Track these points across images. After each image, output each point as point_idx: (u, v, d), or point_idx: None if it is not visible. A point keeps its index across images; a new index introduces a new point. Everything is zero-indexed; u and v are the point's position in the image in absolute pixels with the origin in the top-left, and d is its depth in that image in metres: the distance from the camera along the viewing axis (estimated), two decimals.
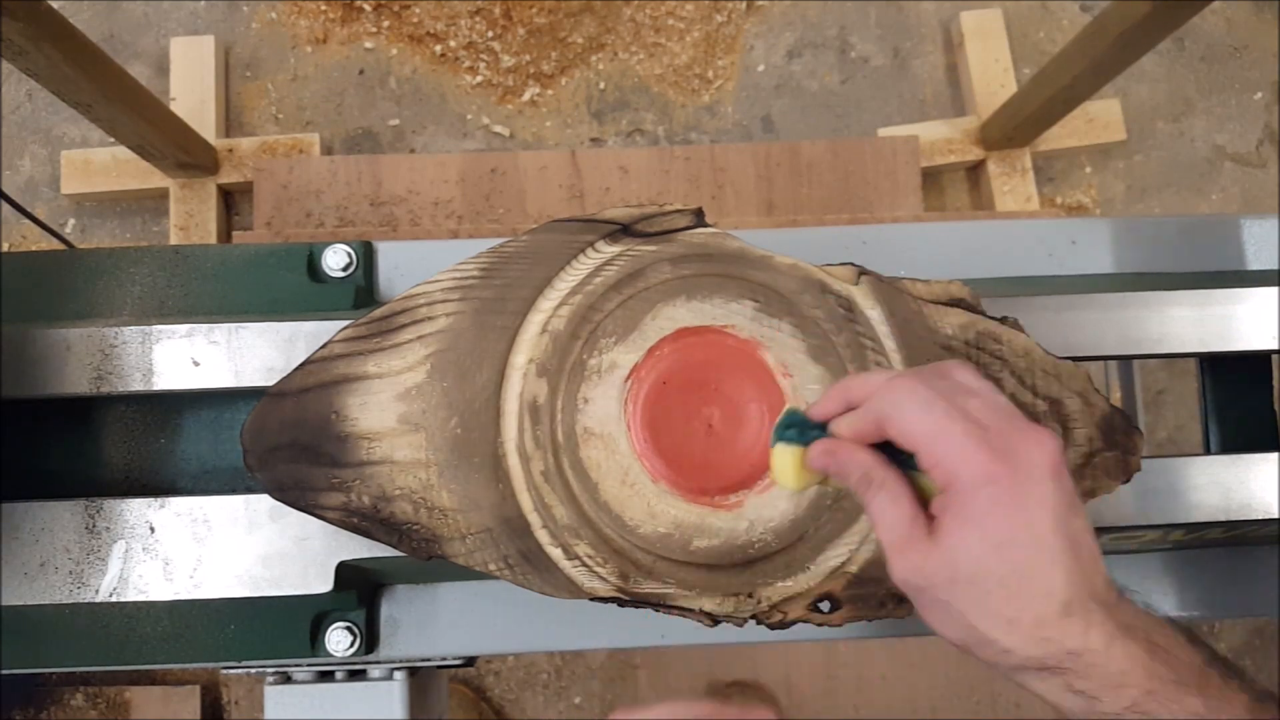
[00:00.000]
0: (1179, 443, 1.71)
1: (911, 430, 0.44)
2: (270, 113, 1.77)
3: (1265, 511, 0.69)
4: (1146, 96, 1.85)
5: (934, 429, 0.43)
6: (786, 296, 0.63)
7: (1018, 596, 0.42)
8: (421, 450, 0.62)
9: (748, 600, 0.61)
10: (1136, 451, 0.65)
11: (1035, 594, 0.42)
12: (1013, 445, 0.43)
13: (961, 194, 1.80)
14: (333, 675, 0.73)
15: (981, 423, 0.43)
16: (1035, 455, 0.43)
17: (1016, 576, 0.42)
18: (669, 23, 1.82)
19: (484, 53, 1.79)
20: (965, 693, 1.53)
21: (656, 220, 0.64)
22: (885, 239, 0.80)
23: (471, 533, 0.61)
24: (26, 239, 1.70)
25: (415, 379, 0.62)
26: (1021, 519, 0.42)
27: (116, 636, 0.67)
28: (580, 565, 0.61)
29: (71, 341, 0.66)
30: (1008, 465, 0.42)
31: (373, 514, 0.61)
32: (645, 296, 0.62)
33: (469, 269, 0.64)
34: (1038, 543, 0.42)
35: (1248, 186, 1.83)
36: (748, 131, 1.80)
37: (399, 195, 1.61)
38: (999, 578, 0.42)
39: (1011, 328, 0.65)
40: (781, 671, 1.52)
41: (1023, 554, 0.42)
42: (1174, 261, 0.79)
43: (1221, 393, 0.78)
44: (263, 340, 0.66)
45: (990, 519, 0.42)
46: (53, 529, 0.65)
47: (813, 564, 0.61)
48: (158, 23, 1.79)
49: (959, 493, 0.43)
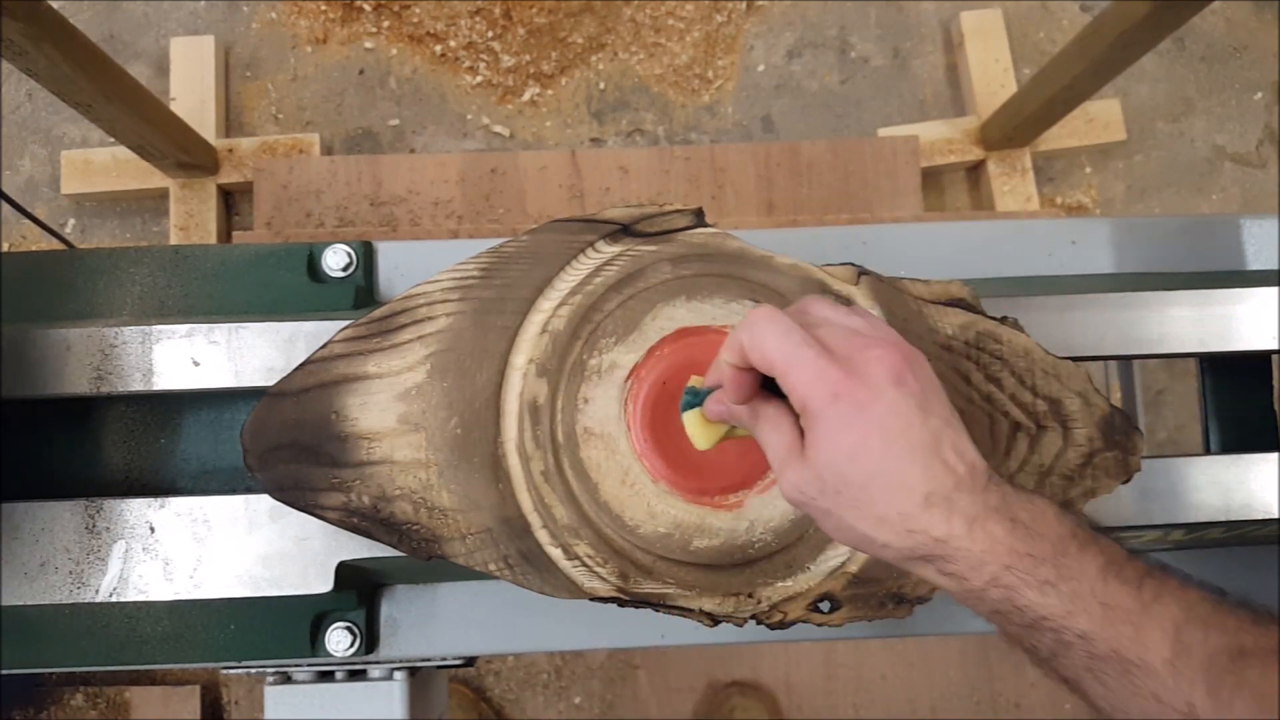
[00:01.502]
0: (1179, 443, 1.71)
1: (769, 358, 0.47)
2: (270, 113, 1.77)
3: (1265, 511, 0.69)
4: (1146, 96, 1.85)
5: (788, 356, 0.47)
6: (786, 296, 0.63)
7: (881, 497, 0.46)
8: (421, 450, 0.62)
9: (748, 600, 0.61)
10: (1136, 451, 0.65)
11: (896, 492, 0.46)
12: (856, 363, 0.46)
13: (961, 194, 1.80)
14: (333, 675, 0.73)
15: (829, 346, 0.47)
16: (876, 369, 0.46)
17: (875, 479, 0.46)
18: (669, 23, 1.82)
19: (484, 53, 1.79)
20: (965, 693, 1.53)
21: (656, 220, 0.64)
22: (885, 239, 0.80)
23: (471, 533, 0.61)
24: (26, 239, 1.70)
25: (415, 379, 0.62)
26: (871, 428, 0.45)
27: (116, 636, 0.67)
28: (580, 565, 0.61)
29: (71, 341, 0.66)
30: (852, 381, 0.46)
31: (373, 514, 0.61)
32: (645, 296, 0.62)
33: (469, 269, 0.64)
34: (888, 447, 0.45)
35: (1248, 186, 1.83)
36: (748, 131, 1.80)
37: (399, 195, 1.61)
38: (859, 484, 0.46)
39: (1011, 328, 0.65)
40: (781, 671, 1.52)
41: (876, 459, 0.45)
42: (1174, 261, 0.79)
43: (1221, 393, 0.78)
44: (263, 340, 0.66)
45: (841, 433, 0.46)
46: (53, 529, 0.65)
47: (813, 564, 0.61)
48: (158, 23, 1.79)
49: (813, 413, 0.46)
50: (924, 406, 0.46)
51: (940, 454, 0.46)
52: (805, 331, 0.47)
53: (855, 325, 0.49)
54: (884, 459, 0.45)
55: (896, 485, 0.46)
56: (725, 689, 1.51)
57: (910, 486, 0.45)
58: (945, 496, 0.45)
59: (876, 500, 0.46)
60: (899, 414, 0.46)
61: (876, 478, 0.46)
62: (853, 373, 0.46)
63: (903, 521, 0.46)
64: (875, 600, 0.61)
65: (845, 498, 0.46)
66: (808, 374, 0.46)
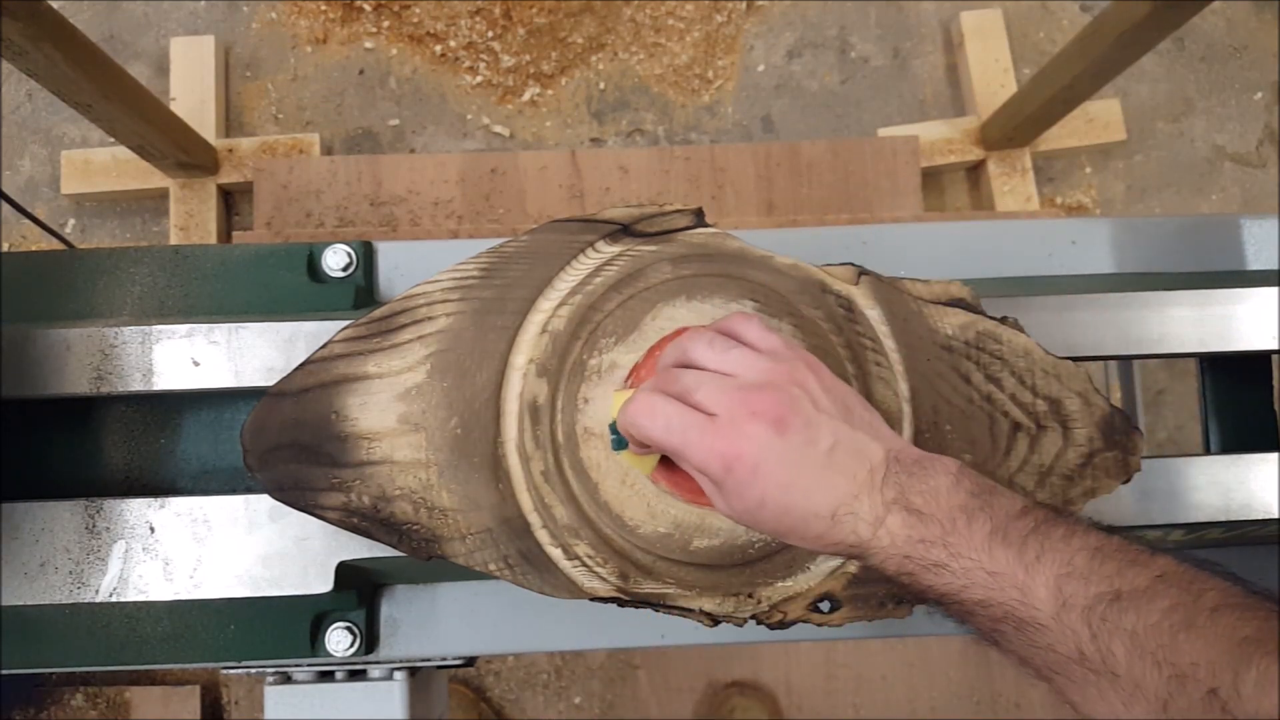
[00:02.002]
0: (1179, 443, 1.71)
1: (661, 446, 0.52)
2: (270, 113, 1.77)
3: (1265, 511, 0.69)
4: (1146, 96, 1.85)
5: (674, 444, 0.51)
6: (786, 296, 0.63)
7: (796, 526, 0.50)
8: (421, 450, 0.62)
9: (748, 600, 0.61)
10: (1136, 451, 0.65)
11: (806, 520, 0.50)
12: (738, 424, 0.50)
13: (961, 194, 1.80)
14: (333, 675, 0.73)
15: (709, 412, 0.51)
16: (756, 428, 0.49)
17: (786, 517, 0.50)
18: (669, 23, 1.82)
19: (484, 53, 1.79)
20: (965, 693, 1.53)
21: (656, 220, 0.64)
22: (885, 239, 0.80)
23: (471, 533, 0.61)
24: (26, 239, 1.70)
25: (415, 379, 0.62)
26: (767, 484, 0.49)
27: (116, 636, 0.67)
28: (580, 565, 0.60)
29: (71, 341, 0.66)
30: (738, 446, 0.49)
31: (373, 514, 0.61)
32: (645, 296, 0.62)
33: (469, 269, 0.64)
34: (787, 491, 0.49)
35: (1248, 186, 1.83)
36: (748, 131, 1.80)
37: (399, 195, 1.61)
38: (775, 520, 0.51)
39: (1011, 328, 0.65)
40: (781, 671, 1.52)
41: (780, 502, 0.50)
42: (1174, 261, 0.79)
43: (1221, 393, 0.78)
44: (263, 340, 0.66)
45: (744, 491, 0.50)
46: (53, 529, 0.65)
47: (813, 564, 0.61)
48: (158, 23, 1.79)
49: (715, 483, 0.51)
50: (811, 439, 0.50)
51: (838, 469, 0.50)
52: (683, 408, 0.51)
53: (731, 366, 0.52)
54: (786, 501, 0.50)
55: (804, 515, 0.50)
56: (725, 689, 1.51)
57: (816, 513, 0.50)
58: (849, 509, 0.50)
59: (793, 529, 0.51)
60: (789, 460, 0.49)
61: (785, 515, 0.50)
62: (736, 437, 0.49)
63: (820, 540, 0.51)
64: (875, 600, 0.61)
65: (769, 528, 0.52)
66: (697, 454, 0.50)
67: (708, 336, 0.54)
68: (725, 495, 0.51)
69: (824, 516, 0.50)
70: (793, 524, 0.50)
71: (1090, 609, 0.45)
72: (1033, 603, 0.46)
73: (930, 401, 0.63)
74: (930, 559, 0.48)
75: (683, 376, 0.53)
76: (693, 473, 0.54)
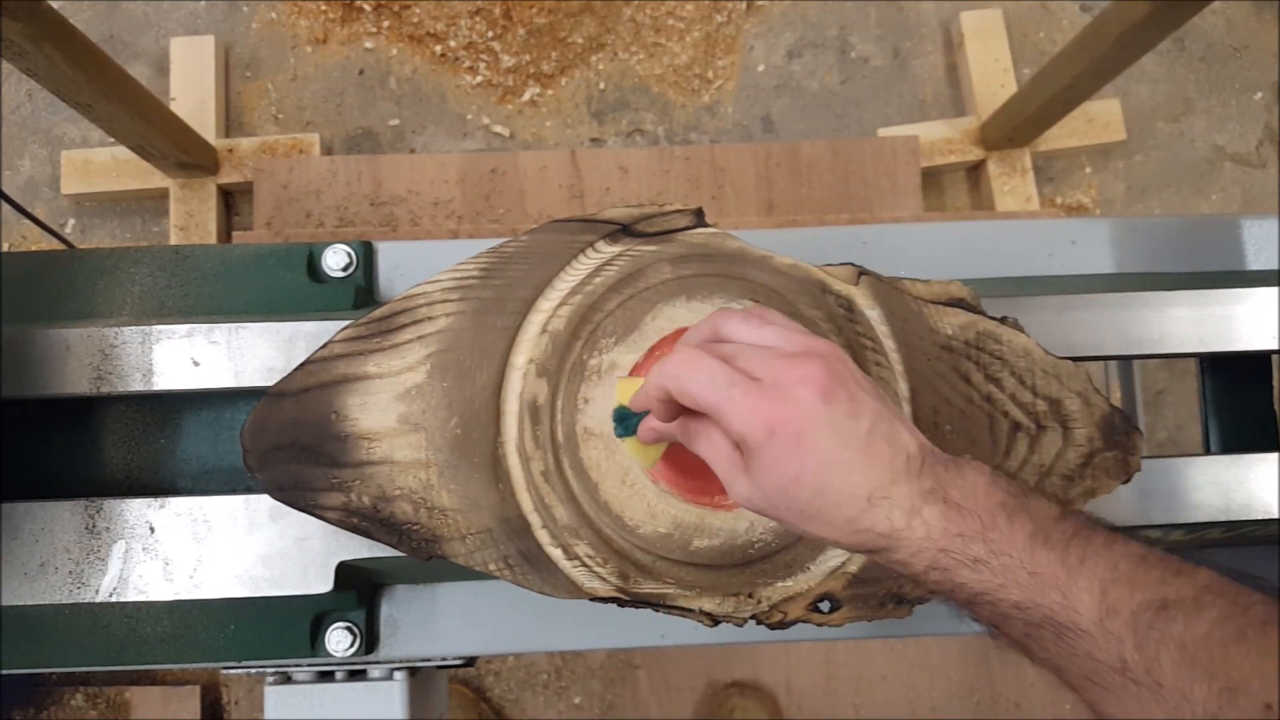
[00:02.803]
0: (1179, 443, 1.71)
1: (700, 403, 0.49)
2: (270, 113, 1.77)
3: (1265, 511, 0.69)
4: (1146, 96, 1.85)
5: (717, 400, 0.48)
6: (786, 296, 0.63)
7: (827, 508, 0.48)
8: (421, 450, 0.62)
9: (748, 600, 0.61)
10: (1136, 451, 0.65)
11: (840, 501, 0.47)
12: (783, 388, 0.47)
13: (961, 194, 1.80)
14: (333, 675, 0.73)
15: (754, 376, 0.48)
16: (803, 391, 0.47)
17: (819, 496, 0.47)
18: (669, 23, 1.82)
19: (484, 53, 1.79)
20: (965, 693, 1.53)
21: (656, 220, 0.64)
22: (885, 239, 0.80)
23: (471, 533, 0.61)
24: (26, 239, 1.70)
25: (415, 379, 0.62)
26: (808, 454, 0.47)
27: (116, 636, 0.67)
28: (580, 565, 0.60)
29: (71, 341, 0.66)
30: (784, 411, 0.47)
31: (373, 514, 0.61)
32: (645, 297, 0.62)
33: (469, 269, 0.64)
34: (827, 465, 0.47)
35: (1248, 186, 1.83)
36: (748, 131, 1.80)
37: (399, 195, 1.61)
38: (805, 499, 0.48)
39: (1011, 328, 0.65)
40: (781, 671, 1.52)
41: (818, 479, 0.47)
42: (1174, 261, 0.79)
43: (1221, 393, 0.78)
44: (263, 340, 0.66)
45: (782, 463, 0.47)
46: (53, 529, 0.65)
47: (813, 564, 0.61)
48: (158, 23, 1.79)
49: (751, 448, 0.48)
50: (854, 413, 0.48)
51: (876, 453, 0.48)
52: (727, 367, 0.48)
53: (770, 340, 0.50)
54: (825, 477, 0.47)
55: (840, 496, 0.47)
56: (725, 689, 1.51)
57: (853, 494, 0.47)
58: (885, 494, 0.47)
59: (823, 511, 0.48)
60: (833, 431, 0.47)
61: (820, 494, 0.47)
62: (783, 401, 0.47)
63: (849, 525, 0.48)
64: (875, 600, 0.61)
65: (794, 511, 0.49)
66: (740, 414, 0.47)
67: (740, 314, 0.52)
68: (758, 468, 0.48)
69: (859, 498, 0.47)
70: (823, 505, 0.47)
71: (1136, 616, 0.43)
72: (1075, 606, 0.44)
73: (930, 401, 0.63)
74: (969, 554, 0.46)
75: (719, 347, 0.51)
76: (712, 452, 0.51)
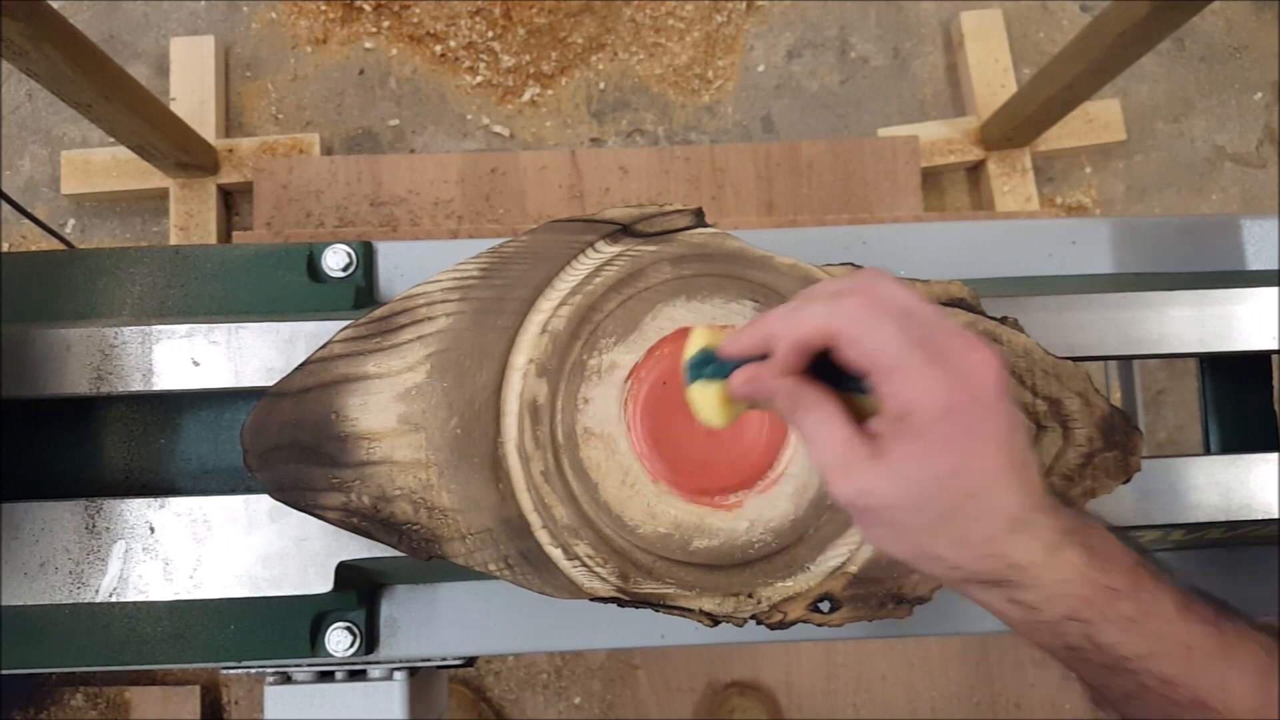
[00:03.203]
0: (1179, 443, 1.71)
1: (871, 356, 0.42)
2: (270, 113, 1.77)
3: (1265, 511, 0.69)
4: (1146, 96, 1.85)
5: (893, 358, 0.41)
6: (786, 296, 0.63)
7: (969, 520, 0.42)
8: (421, 450, 0.62)
9: (748, 600, 0.61)
10: (1136, 451, 0.65)
11: (986, 515, 0.42)
12: (964, 370, 0.41)
13: (961, 194, 1.80)
14: (333, 675, 0.73)
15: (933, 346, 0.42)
16: (985, 379, 0.41)
17: (969, 501, 0.41)
18: (669, 23, 1.82)
19: (484, 53, 1.79)
20: (965, 693, 1.53)
21: (656, 220, 0.64)
22: (885, 239, 0.80)
23: (471, 533, 0.61)
24: (26, 239, 1.70)
25: (415, 379, 0.62)
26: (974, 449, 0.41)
27: (116, 636, 0.67)
28: (580, 565, 0.61)
29: (71, 341, 0.66)
30: (964, 394, 0.41)
31: (373, 514, 0.61)
32: (645, 297, 0.62)
33: (469, 269, 0.64)
34: (990, 468, 0.41)
35: (1248, 186, 1.83)
36: (748, 131, 1.80)
37: (399, 195, 1.61)
38: (952, 503, 0.42)
39: (1011, 328, 0.65)
40: (781, 671, 1.52)
41: (977, 480, 0.41)
42: (1174, 261, 0.79)
43: (1221, 393, 0.78)
44: (263, 340, 0.66)
45: (948, 449, 0.41)
46: (53, 529, 0.65)
47: (813, 564, 0.61)
48: (158, 23, 1.79)
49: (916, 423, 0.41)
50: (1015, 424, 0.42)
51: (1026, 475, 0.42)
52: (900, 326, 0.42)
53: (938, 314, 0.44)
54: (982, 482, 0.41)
55: (988, 509, 0.42)
56: (725, 689, 1.51)
57: (1001, 510, 0.42)
58: (1028, 520, 0.42)
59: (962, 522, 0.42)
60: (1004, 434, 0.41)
61: (970, 500, 0.41)
62: (963, 384, 0.41)
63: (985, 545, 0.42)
64: (875, 600, 0.61)
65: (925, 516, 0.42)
66: (918, 382, 0.41)
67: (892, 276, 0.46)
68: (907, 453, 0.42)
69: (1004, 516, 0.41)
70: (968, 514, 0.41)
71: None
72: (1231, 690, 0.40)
73: None
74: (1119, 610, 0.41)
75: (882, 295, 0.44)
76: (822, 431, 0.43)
